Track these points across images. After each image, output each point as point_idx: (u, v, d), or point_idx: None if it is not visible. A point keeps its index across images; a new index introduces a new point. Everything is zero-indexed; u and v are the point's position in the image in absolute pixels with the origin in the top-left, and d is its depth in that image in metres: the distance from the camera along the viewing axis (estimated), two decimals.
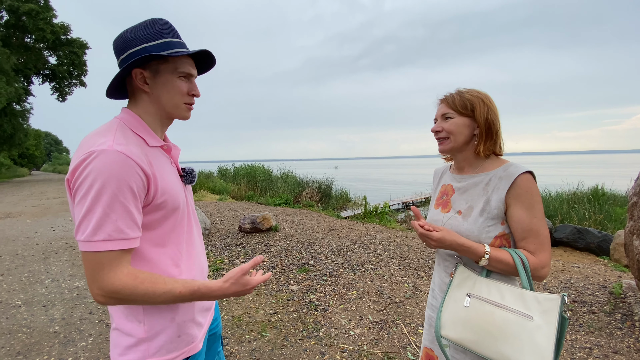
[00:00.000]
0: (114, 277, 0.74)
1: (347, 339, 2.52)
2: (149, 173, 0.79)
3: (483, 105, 1.05)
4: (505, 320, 0.90)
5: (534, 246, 0.98)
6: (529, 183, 0.98)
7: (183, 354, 0.89)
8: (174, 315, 0.87)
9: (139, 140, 0.84)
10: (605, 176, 11.05)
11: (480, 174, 1.08)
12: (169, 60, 0.86)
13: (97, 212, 0.72)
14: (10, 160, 38.88)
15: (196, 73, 0.94)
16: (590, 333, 2.53)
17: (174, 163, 0.95)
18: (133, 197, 0.75)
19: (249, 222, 5.74)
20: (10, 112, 22.97)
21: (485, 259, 0.97)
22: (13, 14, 21.43)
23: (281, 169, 15.71)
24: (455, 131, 1.07)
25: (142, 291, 0.76)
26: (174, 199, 0.86)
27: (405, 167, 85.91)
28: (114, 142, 0.76)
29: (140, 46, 0.84)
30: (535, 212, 0.98)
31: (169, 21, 0.89)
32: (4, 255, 4.90)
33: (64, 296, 3.38)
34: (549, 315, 0.86)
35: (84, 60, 26.14)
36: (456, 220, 1.08)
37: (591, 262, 4.66)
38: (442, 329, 1.01)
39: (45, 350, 2.42)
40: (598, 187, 8.75)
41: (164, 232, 0.86)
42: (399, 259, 4.36)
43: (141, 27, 0.85)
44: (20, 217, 8.23)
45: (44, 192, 15.26)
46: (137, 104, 0.89)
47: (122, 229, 0.74)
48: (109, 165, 0.72)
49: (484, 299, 0.96)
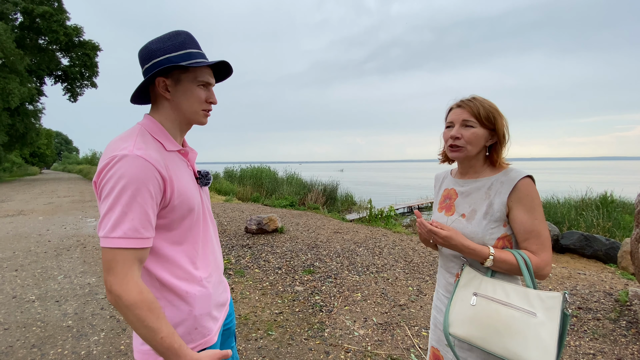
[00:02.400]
0: (121, 279, 0.77)
1: (351, 339, 2.56)
2: (166, 176, 0.84)
3: (500, 118, 1.10)
4: (511, 317, 0.94)
5: (536, 246, 1.02)
6: (529, 187, 1.03)
7: (199, 346, 0.94)
8: (191, 308, 0.92)
9: (158, 145, 0.90)
10: (615, 183, 10.93)
11: (482, 179, 1.13)
12: (189, 70, 0.91)
13: (117, 211, 0.77)
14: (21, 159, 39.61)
15: (214, 82, 0.99)
16: (594, 339, 2.54)
17: (190, 166, 1.00)
18: (150, 199, 0.80)
19: (255, 224, 5.81)
20: (23, 111, 23.45)
21: (490, 260, 1.02)
22: (27, 16, 21.94)
23: (287, 171, 15.76)
24: (474, 142, 1.09)
25: (135, 313, 0.77)
26: (189, 200, 0.91)
27: (411, 171, 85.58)
28: (135, 147, 0.82)
29: (164, 56, 0.89)
30: (536, 214, 1.02)
31: (191, 33, 0.95)
32: (17, 251, 5.04)
33: (76, 292, 3.48)
34: (552, 312, 0.90)
35: (95, 62, 26.60)
36: (460, 223, 1.12)
37: (598, 270, 4.64)
38: (450, 327, 1.05)
39: (59, 344, 2.50)
40: (607, 194, 8.66)
41: (181, 231, 0.91)
42: (404, 263, 4.39)
43: (165, 38, 0.91)
44: (32, 215, 8.41)
45: (54, 190, 15.54)
46: (158, 110, 0.95)
47: (137, 228, 0.79)
48: (129, 169, 0.78)
49: (490, 298, 1.00)
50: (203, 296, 0.95)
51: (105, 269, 0.78)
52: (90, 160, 42.99)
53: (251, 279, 3.83)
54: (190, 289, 0.92)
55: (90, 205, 10.37)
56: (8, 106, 19.36)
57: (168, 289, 0.90)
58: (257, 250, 4.92)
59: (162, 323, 0.79)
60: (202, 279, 0.96)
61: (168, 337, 0.79)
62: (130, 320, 0.78)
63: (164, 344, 0.79)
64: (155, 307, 0.80)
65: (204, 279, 0.96)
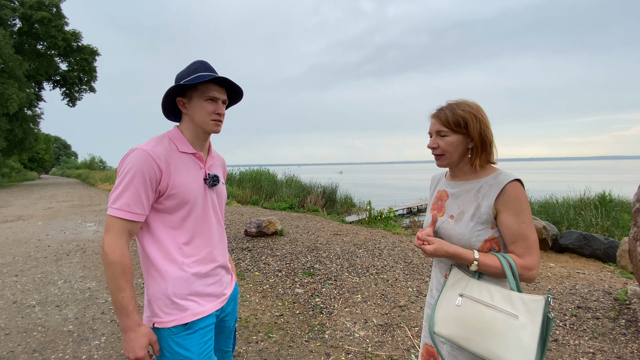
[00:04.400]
0: (112, 240, 0.98)
1: (352, 341, 2.57)
2: (163, 169, 1.04)
3: (475, 121, 1.09)
4: (493, 318, 0.96)
5: (523, 250, 1.03)
6: (517, 190, 1.04)
7: (175, 321, 1.07)
8: (167, 285, 1.07)
9: (172, 146, 1.10)
10: (613, 182, 10.96)
11: (472, 181, 1.15)
12: (198, 88, 1.10)
13: (120, 189, 1.00)
14: (20, 164, 39.53)
15: (223, 97, 1.15)
16: (593, 338, 2.55)
17: (203, 168, 1.16)
18: (144, 184, 1.00)
19: (254, 226, 5.82)
20: (22, 117, 23.46)
21: (475, 265, 1.05)
22: (26, 21, 22.00)
23: (286, 174, 15.79)
24: (450, 149, 1.12)
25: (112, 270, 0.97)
26: (184, 193, 1.08)
27: (409, 173, 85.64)
28: (147, 144, 1.05)
29: (180, 82, 1.10)
30: (524, 217, 1.03)
31: (205, 61, 1.14)
32: (17, 257, 5.03)
33: (77, 297, 3.48)
34: (534, 314, 0.92)
35: (94, 67, 26.67)
36: (449, 224, 1.14)
37: (597, 269, 4.65)
38: (435, 325, 1.08)
39: (60, 348, 2.50)
40: (605, 193, 8.69)
41: (177, 219, 1.09)
42: (404, 264, 4.40)
43: (187, 67, 1.13)
44: (32, 220, 8.40)
45: (53, 195, 15.53)
46: (183, 122, 1.17)
47: (130, 204, 0.99)
48: (133, 159, 1.01)
49: (475, 299, 1.02)
50: (179, 278, 1.08)
51: (105, 229, 1.01)
52: (89, 165, 42.86)
53: (251, 282, 3.83)
54: (169, 269, 1.07)
55: (89, 210, 10.36)
56: (7, 111, 19.37)
57: (153, 264, 1.07)
58: (257, 253, 4.93)
59: (127, 286, 0.98)
60: (184, 264, 1.09)
61: (127, 298, 0.98)
62: (107, 275, 0.98)
63: (122, 302, 0.97)
64: (128, 272, 0.99)
65: (186, 265, 1.09)
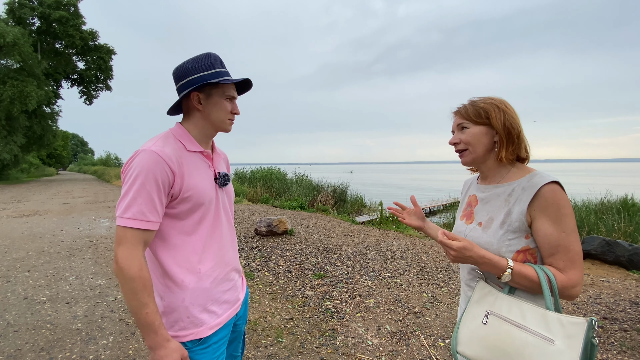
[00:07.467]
0: (128, 253, 0.88)
1: (364, 348, 2.46)
2: (176, 171, 0.95)
3: (498, 111, 1.00)
4: (524, 342, 0.84)
5: (564, 263, 0.90)
6: (556, 194, 0.91)
7: (191, 335, 1.00)
8: (184, 296, 0.99)
9: (179, 145, 1.01)
10: (635, 186, 10.52)
11: (504, 184, 1.02)
12: (219, 86, 1.05)
13: (129, 196, 0.90)
14: (39, 160, 40.69)
15: (237, 96, 1.13)
16: (622, 352, 2.39)
17: (212, 167, 1.09)
18: (157, 188, 0.91)
19: (265, 225, 5.77)
20: (41, 114, 24.10)
21: (508, 273, 0.91)
22: (44, 20, 22.56)
23: (296, 173, 15.74)
24: (473, 141, 1.03)
25: (131, 285, 0.87)
26: (199, 195, 1.00)
27: (422, 173, 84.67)
28: (154, 145, 0.95)
29: (197, 74, 1.01)
30: (564, 226, 0.90)
31: (218, 55, 1.08)
32: (31, 252, 5.10)
33: (87, 293, 3.48)
34: (573, 340, 0.79)
35: (110, 65, 27.19)
36: (476, 232, 1.03)
37: (621, 277, 4.43)
38: (458, 345, 0.96)
39: (68, 347, 2.48)
40: (628, 197, 8.34)
41: (191, 223, 1.00)
42: (417, 268, 4.27)
43: (198, 59, 1.04)
44: (47, 215, 8.57)
45: (69, 191, 15.87)
46: (189, 119, 1.08)
47: (144, 212, 0.90)
48: (142, 161, 0.91)
49: (503, 318, 0.90)
50: (197, 288, 1.01)
51: (116, 242, 0.90)
52: (104, 162, 43.84)
53: (261, 283, 3.77)
54: (187, 279, 0.99)
55: (104, 206, 10.52)
56: (26, 109, 19.91)
57: (168, 275, 0.98)
58: (266, 252, 4.87)
59: (150, 300, 0.89)
60: (201, 272, 1.02)
61: (152, 314, 0.89)
62: (125, 291, 0.88)
63: (147, 319, 0.88)
64: (149, 285, 0.90)
65: (203, 273, 1.02)
